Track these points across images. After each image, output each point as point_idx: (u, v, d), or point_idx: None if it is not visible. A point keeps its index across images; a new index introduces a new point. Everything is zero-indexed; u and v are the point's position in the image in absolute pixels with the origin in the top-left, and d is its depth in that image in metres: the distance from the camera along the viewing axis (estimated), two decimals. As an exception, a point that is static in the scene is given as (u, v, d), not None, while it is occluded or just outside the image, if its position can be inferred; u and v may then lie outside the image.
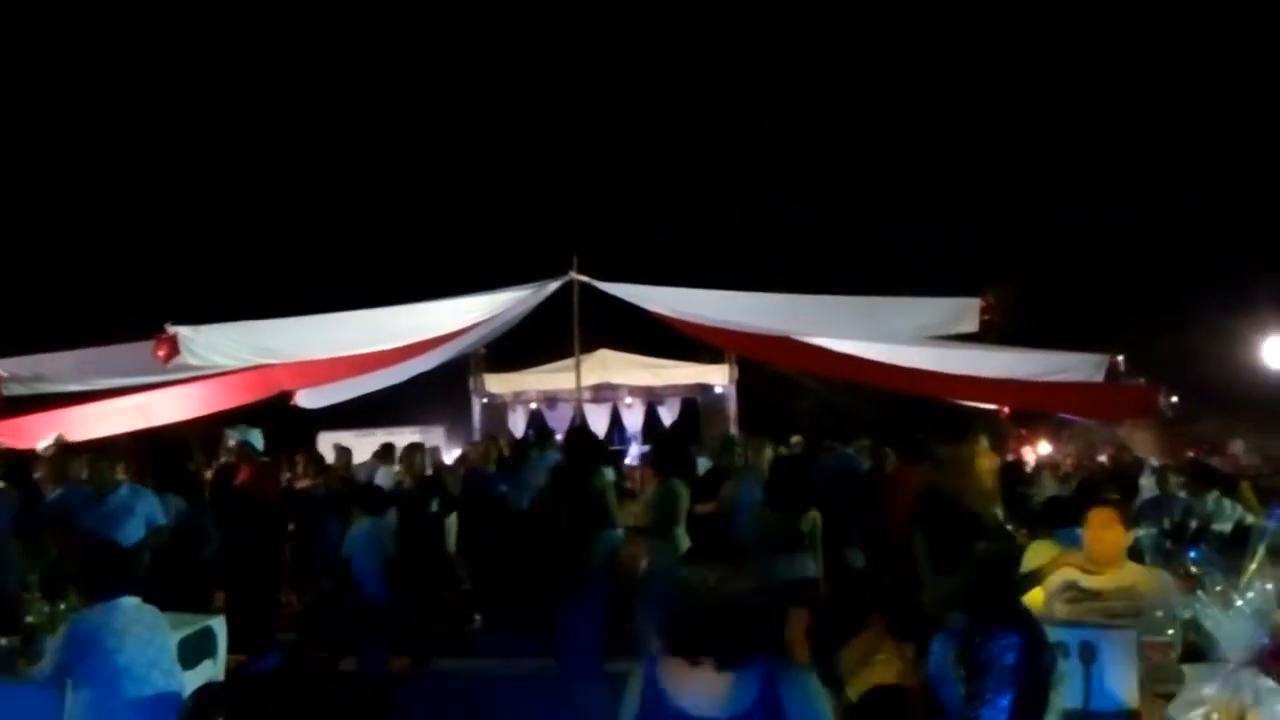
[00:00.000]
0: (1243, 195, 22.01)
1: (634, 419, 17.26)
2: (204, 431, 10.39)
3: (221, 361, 8.14)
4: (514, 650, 8.60)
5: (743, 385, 15.89)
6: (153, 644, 4.61)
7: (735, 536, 7.70)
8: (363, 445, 12.88)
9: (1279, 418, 17.93)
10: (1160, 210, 23.67)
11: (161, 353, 7.50)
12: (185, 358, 7.60)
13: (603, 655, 6.80)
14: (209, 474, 11.15)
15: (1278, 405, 17.48)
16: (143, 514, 7.38)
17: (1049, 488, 10.45)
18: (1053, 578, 4.72)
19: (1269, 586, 2.97)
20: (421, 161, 27.37)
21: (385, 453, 12.35)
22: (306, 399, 11.11)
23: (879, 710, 3.90)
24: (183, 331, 7.56)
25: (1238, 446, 17.10)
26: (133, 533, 7.10)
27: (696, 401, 16.97)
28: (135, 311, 9.47)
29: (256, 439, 9.57)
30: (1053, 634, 3.13)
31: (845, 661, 4.10)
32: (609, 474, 8.03)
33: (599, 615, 7.24)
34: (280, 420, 11.16)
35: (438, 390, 15.36)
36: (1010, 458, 16.32)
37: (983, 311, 8.75)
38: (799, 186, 27.01)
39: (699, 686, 2.58)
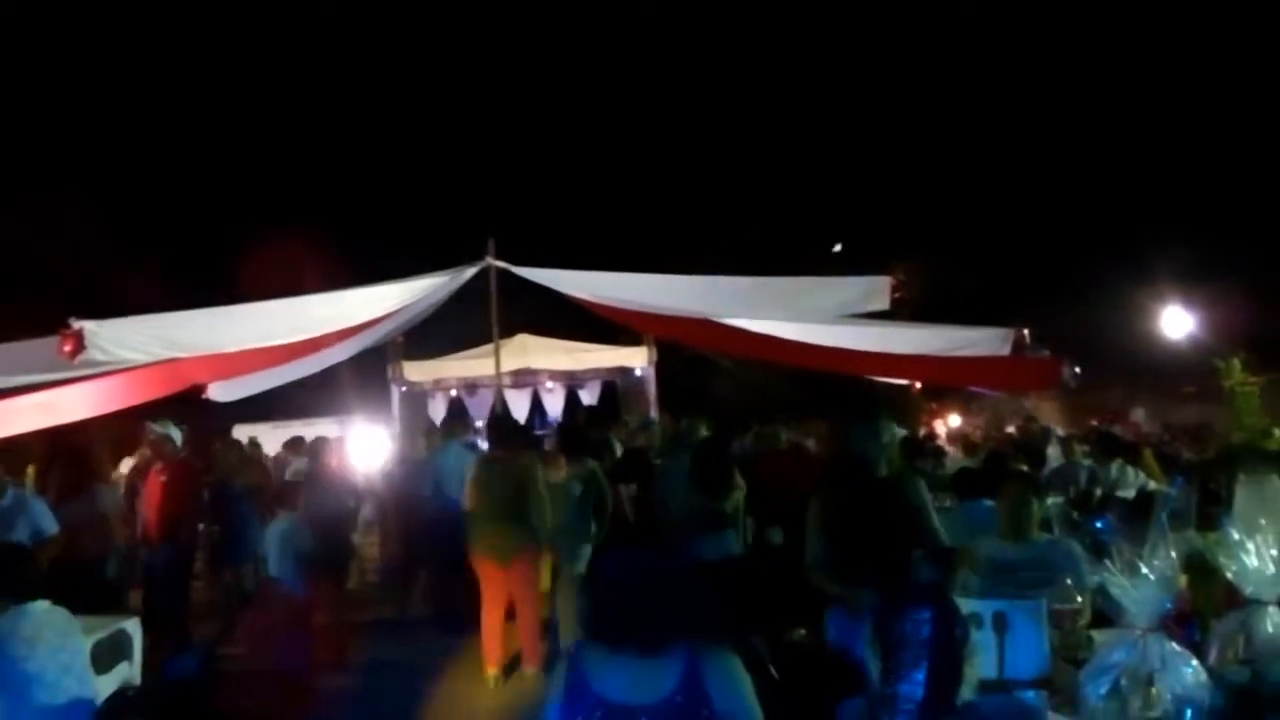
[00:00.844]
0: (1141, 170, 22.69)
1: (555, 403, 17.24)
2: (114, 429, 10.13)
3: (130, 356, 7.88)
4: (437, 641, 8.61)
5: (662, 367, 15.96)
6: (65, 649, 4.48)
7: (667, 518, 7.80)
8: (278, 438, 12.69)
9: (1178, 386, 18.63)
10: (1061, 186, 24.34)
11: (67, 348, 7.24)
12: (91, 353, 7.33)
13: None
14: (123, 471, 10.95)
15: (1176, 374, 18.15)
16: (27, 524, 7.18)
17: (958, 460, 10.75)
18: (968, 550, 4.87)
19: (1172, 553, 3.08)
20: (333, 148, 26.81)
21: (294, 445, 12.21)
22: (219, 392, 10.86)
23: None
24: (88, 326, 7.29)
25: (1139, 414, 17.74)
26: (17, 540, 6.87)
27: (616, 384, 17.01)
28: (37, 307, 9.17)
29: (175, 434, 9.37)
30: (967, 606, 3.23)
31: None
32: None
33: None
34: (193, 414, 10.91)
35: (355, 379, 15.16)
36: (922, 431, 16.76)
37: (893, 289, 8.90)
38: (714, 168, 27.15)
39: (622, 672, 2.60)
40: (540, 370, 16.39)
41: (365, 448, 14.37)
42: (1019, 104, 25.32)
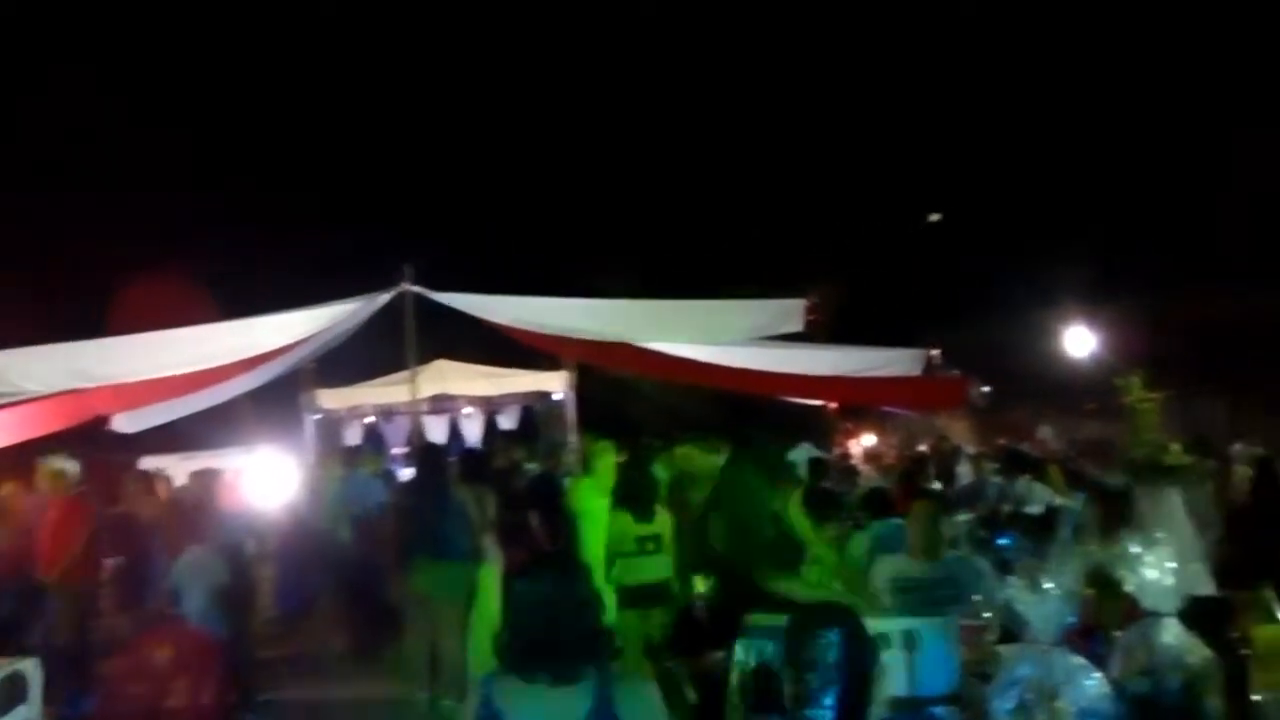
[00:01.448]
0: (1043, 193, 23.32)
1: (473, 429, 17.11)
2: (13, 462, 9.78)
3: (30, 387, 7.66)
4: (344, 676, 8.46)
5: (581, 391, 15.94)
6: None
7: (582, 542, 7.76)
8: (187, 469, 12.34)
9: (1082, 403, 19.18)
10: (967, 209, 24.92)
11: (-37, 380, 7.02)
12: (-8, 386, 7.14)
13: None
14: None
15: (1080, 392, 18.68)
16: None
17: (872, 479, 10.94)
18: (881, 569, 4.94)
19: (1075, 567, 3.16)
20: (240, 172, 26.31)
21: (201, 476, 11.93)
22: (125, 423, 10.56)
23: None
24: (-11, 358, 7.10)
25: (1045, 432, 18.19)
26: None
27: (535, 409, 16.94)
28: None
29: (71, 468, 9.09)
30: (877, 625, 3.27)
31: None
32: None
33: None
34: (97, 446, 10.57)
35: (268, 408, 14.83)
36: (837, 451, 16.99)
37: (807, 311, 9.05)
38: (631, 193, 27.27)
39: (534, 700, 2.58)
40: (458, 396, 16.27)
41: (269, 478, 14.08)
42: (923, 126, 25.87)
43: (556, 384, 15.88)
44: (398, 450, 15.31)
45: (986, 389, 10.74)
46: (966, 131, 24.91)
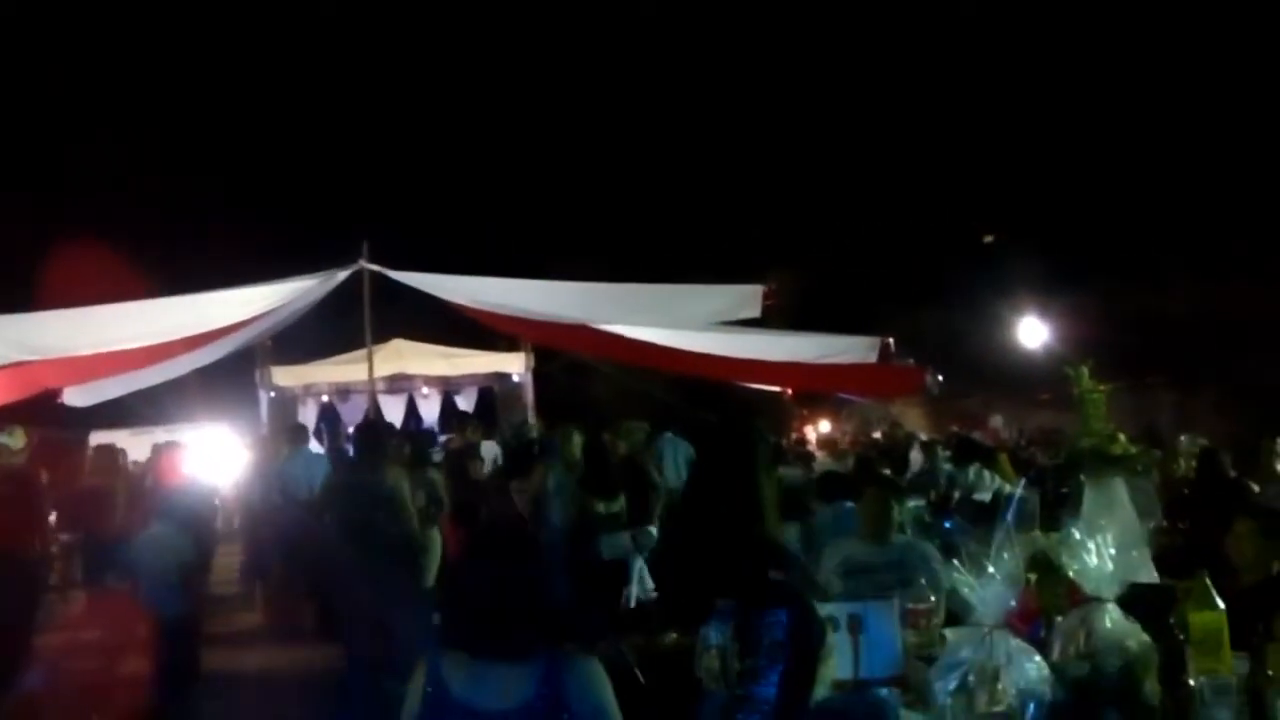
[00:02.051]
0: (999, 184, 23.54)
1: (430, 409, 17.04)
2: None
3: (-27, 358, 7.53)
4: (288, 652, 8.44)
5: (539, 373, 15.94)
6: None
7: (547, 522, 7.77)
8: (138, 444, 12.22)
9: (1033, 393, 19.46)
10: (922, 199, 25.11)
11: (-95, 352, 6.88)
12: (-68, 357, 7.00)
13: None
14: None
15: (1032, 382, 18.93)
16: None
17: (826, 464, 11.04)
18: (831, 552, 5.01)
19: (1018, 553, 3.21)
20: (202, 147, 25.94)
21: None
22: (76, 396, 10.41)
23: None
24: (-72, 328, 6.96)
25: (997, 421, 18.52)
26: None
27: (493, 390, 16.89)
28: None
29: (16, 440, 8.95)
30: (824, 609, 3.31)
31: None
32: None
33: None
34: (47, 419, 10.43)
35: (222, 384, 14.69)
36: (793, 436, 17.13)
37: (765, 297, 9.10)
38: (592, 177, 27.18)
39: (480, 679, 2.59)
40: (415, 375, 16.17)
41: (221, 455, 13.96)
42: (881, 113, 25.99)
43: (515, 365, 15.86)
44: (353, 429, 15.23)
45: (940, 377, 10.86)
46: (923, 122, 25.07)
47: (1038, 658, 3.03)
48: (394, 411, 16.10)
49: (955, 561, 3.18)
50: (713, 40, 27.95)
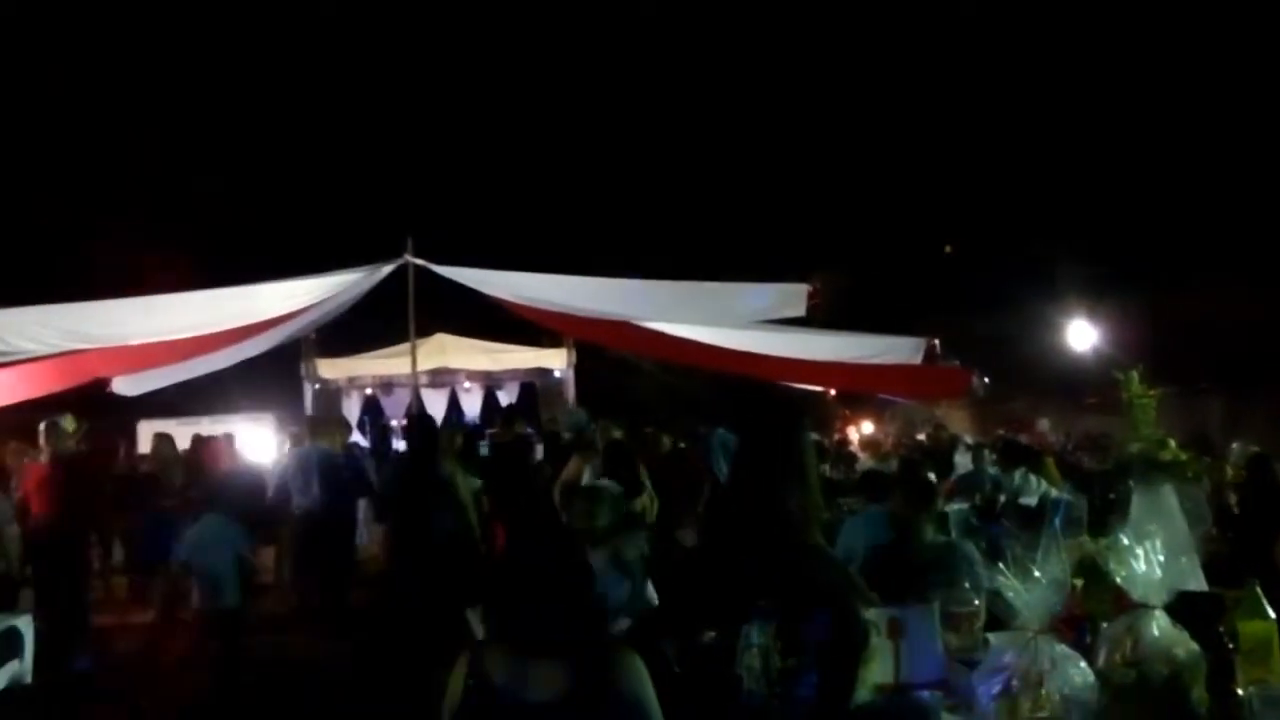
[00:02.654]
0: (1052, 185, 23.26)
1: (472, 403, 17.12)
2: (12, 423, 9.82)
3: (28, 347, 7.65)
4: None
5: (581, 369, 15.96)
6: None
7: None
8: (185, 434, 12.37)
9: (1081, 397, 19.20)
10: (973, 200, 24.87)
11: (-40, 339, 7.02)
12: (-13, 344, 7.13)
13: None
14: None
15: (1080, 385, 18.68)
16: None
17: (868, 466, 10.96)
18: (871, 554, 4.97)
19: (1064, 557, 3.17)
20: (248, 141, 26.24)
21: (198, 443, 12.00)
22: (124, 386, 10.58)
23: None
24: (-18, 315, 7.10)
25: (1044, 424, 18.28)
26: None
27: (535, 385, 16.94)
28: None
29: (71, 428, 9.12)
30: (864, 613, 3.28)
31: None
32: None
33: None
34: (97, 409, 10.60)
35: (267, 376, 14.85)
36: (836, 437, 17.02)
37: (810, 297, 9.05)
38: (635, 172, 27.19)
39: (522, 672, 2.60)
40: (458, 370, 16.27)
41: (266, 446, 14.11)
42: (930, 117, 25.80)
43: (557, 361, 15.91)
44: (396, 422, 15.35)
45: (986, 379, 10.74)
46: (972, 123, 24.84)
47: (1083, 664, 2.98)
48: (436, 405, 16.16)
49: (1000, 564, 3.14)
50: (761, 39, 27.86)
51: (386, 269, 10.05)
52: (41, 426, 8.86)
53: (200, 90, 25.47)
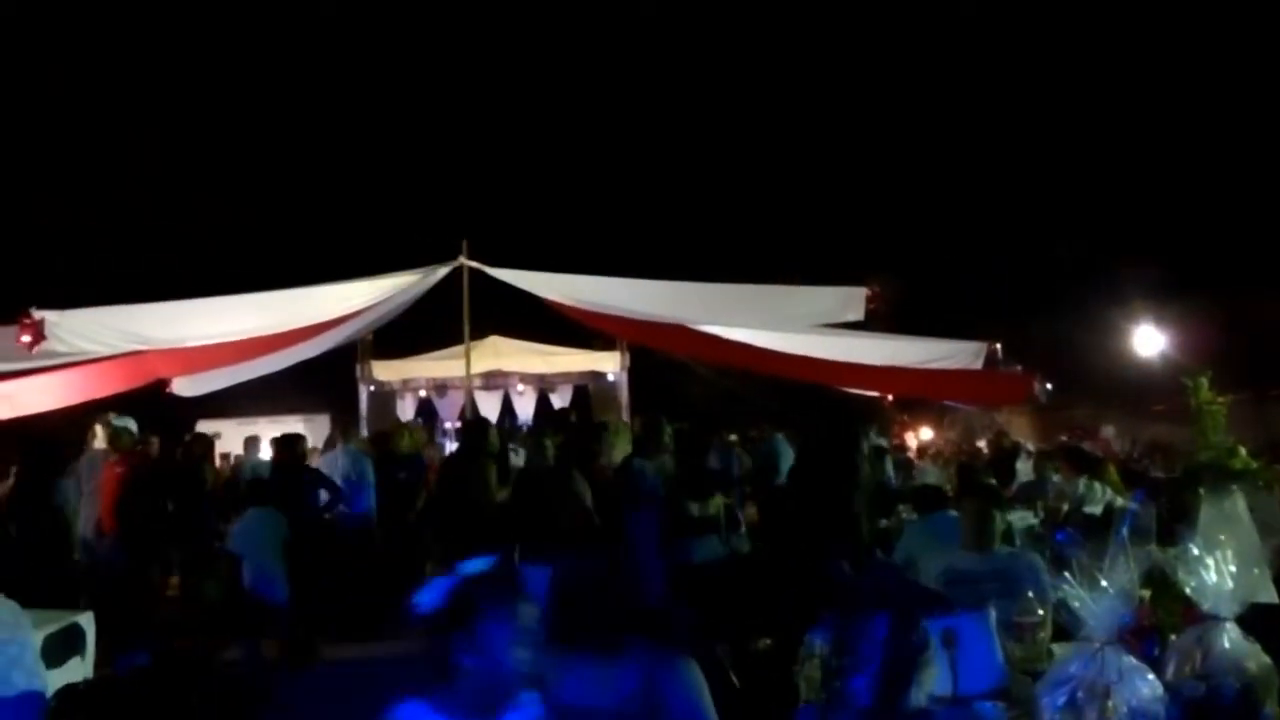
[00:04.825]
0: (1119, 188, 22.88)
1: (526, 406, 17.16)
2: (74, 422, 10.00)
3: (91, 348, 7.79)
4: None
5: (635, 372, 15.91)
6: (13, 641, 4.38)
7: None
8: (242, 435, 12.58)
9: (1147, 404, 18.76)
10: (1039, 202, 24.51)
11: (26, 338, 7.14)
12: (52, 344, 7.24)
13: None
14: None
15: (1146, 392, 18.26)
16: None
17: (926, 472, 10.78)
18: (930, 562, 4.85)
19: (1132, 567, 3.07)
20: (309, 146, 26.66)
21: (252, 444, 12.16)
22: (183, 387, 10.76)
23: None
24: (49, 316, 7.20)
25: (1109, 431, 17.86)
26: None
27: (588, 389, 16.93)
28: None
29: (132, 427, 9.27)
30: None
31: None
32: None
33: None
34: (156, 409, 10.79)
35: (322, 377, 15.02)
36: (893, 443, 16.80)
37: (869, 300, 8.91)
38: (691, 176, 27.17)
39: (576, 675, 2.57)
40: (511, 373, 16.31)
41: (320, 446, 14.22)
42: (994, 120, 25.50)
43: (610, 364, 15.86)
44: (450, 424, 15.44)
45: (1049, 385, 10.51)
46: (1038, 122, 24.50)
47: (1151, 676, 2.89)
48: (490, 407, 16.24)
49: (1066, 574, 3.04)
50: (820, 42, 27.73)
51: (442, 271, 10.12)
52: (101, 426, 9.01)
53: (265, 93, 25.94)
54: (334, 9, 27.20)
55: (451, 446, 12.97)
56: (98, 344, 7.76)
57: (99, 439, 8.94)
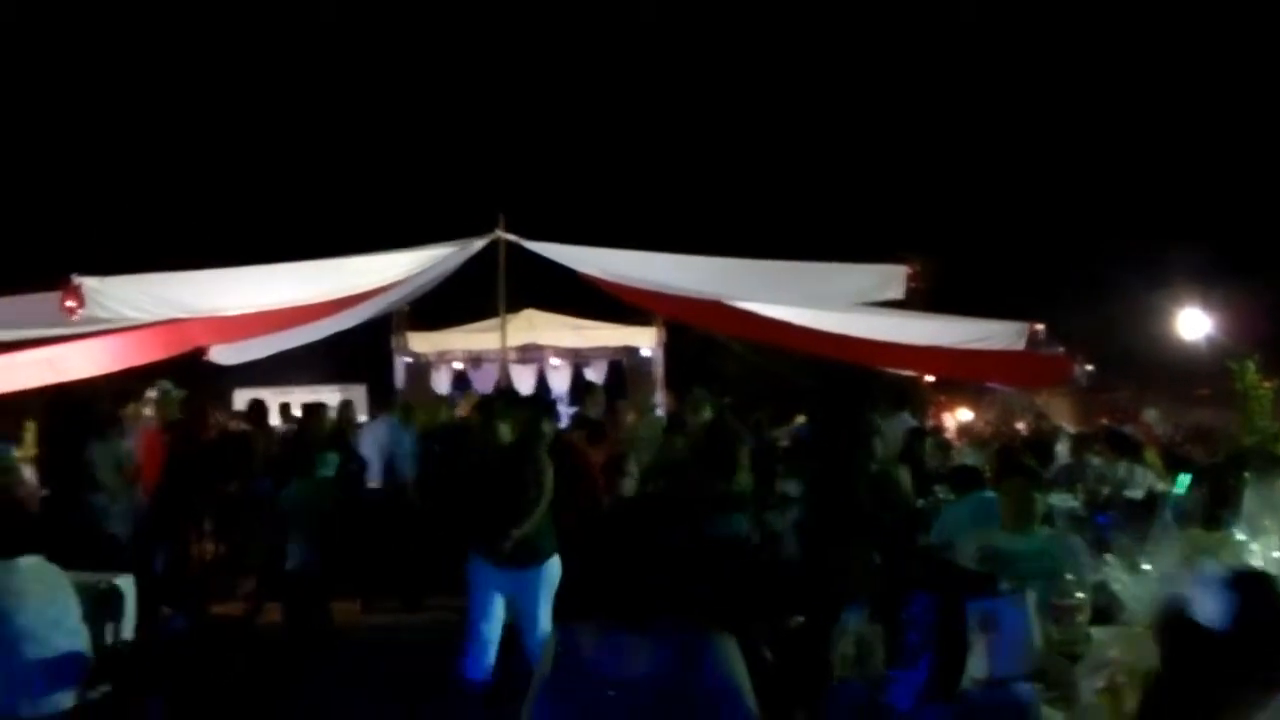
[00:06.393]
0: (1163, 168, 22.51)
1: (560, 380, 17.17)
2: (116, 388, 10.12)
3: (131, 315, 7.86)
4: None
5: (670, 348, 15.87)
6: (55, 604, 4.46)
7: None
8: (278, 404, 12.67)
9: (1191, 388, 18.48)
10: (1082, 181, 24.16)
11: (68, 304, 7.21)
12: (92, 310, 7.31)
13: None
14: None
15: (1190, 375, 17.99)
16: None
17: (964, 453, 10.66)
18: (969, 542, 4.79)
19: (1176, 551, 3.01)
20: (346, 116, 26.76)
21: (284, 412, 12.27)
22: (221, 355, 10.85)
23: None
24: (89, 283, 7.26)
25: (1151, 415, 17.58)
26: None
27: (623, 364, 16.91)
28: (38, 261, 9.13)
29: (176, 395, 9.37)
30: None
31: None
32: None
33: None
34: (194, 376, 10.89)
35: (359, 348, 15.09)
36: (930, 424, 16.65)
37: (909, 279, 8.79)
38: (730, 150, 27.01)
39: (611, 647, 2.56)
40: (546, 346, 16.31)
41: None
42: (1037, 98, 25.17)
43: (645, 339, 15.82)
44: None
45: (1090, 367, 10.36)
46: (1084, 103, 24.12)
47: (1195, 661, 2.81)
48: (524, 381, 16.26)
49: (1108, 557, 2.98)
50: (865, 16, 27.42)
51: (478, 244, 10.12)
52: (151, 393, 9.10)
53: (309, 66, 26.05)
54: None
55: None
56: (138, 311, 7.82)
57: (149, 405, 9.05)
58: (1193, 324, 16.59)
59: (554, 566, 6.17)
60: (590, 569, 2.73)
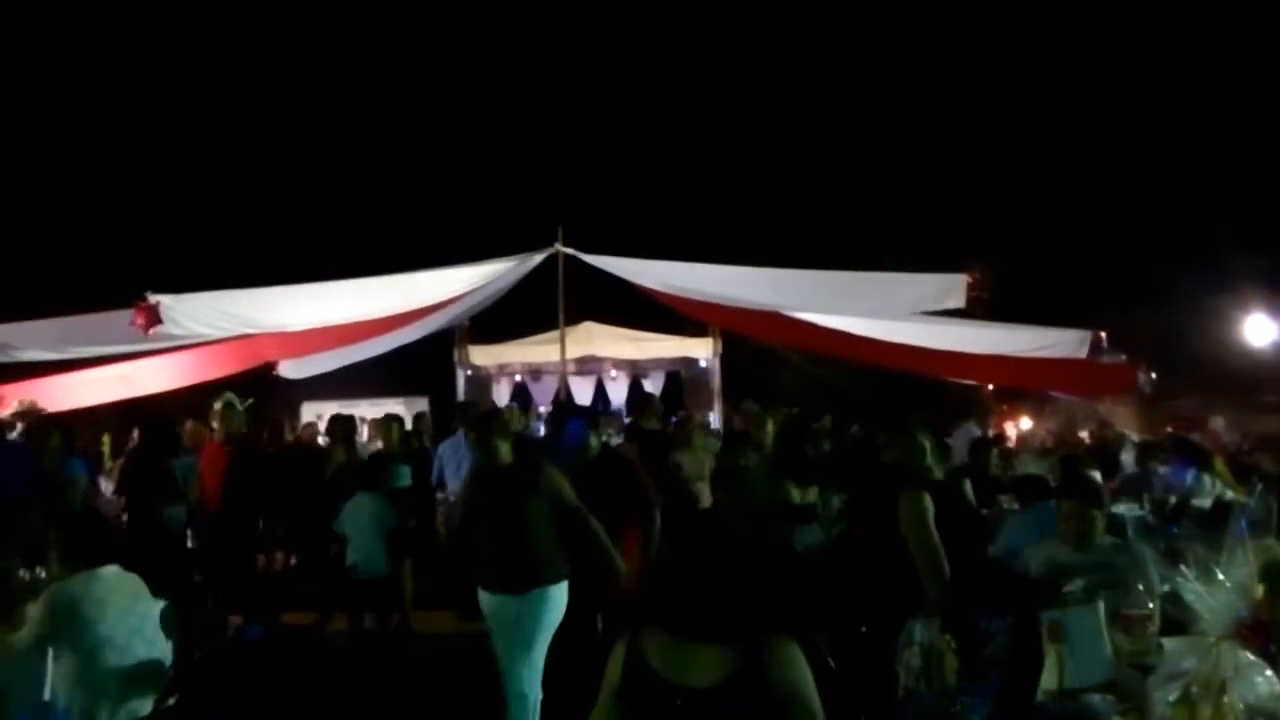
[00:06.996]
0: (1230, 173, 22.07)
1: (618, 391, 17.24)
2: (187, 402, 10.36)
3: (203, 331, 8.07)
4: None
5: (727, 359, 15.88)
6: (134, 612, 4.55)
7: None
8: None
9: (1258, 396, 18.06)
10: (1147, 187, 23.74)
11: (141, 321, 7.44)
12: (166, 327, 7.53)
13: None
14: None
15: (1258, 382, 17.59)
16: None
17: (1028, 463, 10.53)
18: (1032, 555, 4.75)
19: (1250, 560, 2.98)
20: (407, 134, 27.13)
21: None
22: (289, 369, 11.07)
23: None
24: (163, 300, 7.49)
25: (1218, 423, 17.20)
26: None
27: (680, 375, 16.94)
28: (114, 280, 9.39)
29: (242, 409, 9.55)
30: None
31: None
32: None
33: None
34: (264, 390, 11.11)
35: (421, 361, 15.31)
36: (991, 432, 16.45)
37: (970, 287, 8.71)
38: (787, 161, 26.94)
39: (679, 658, 2.59)
40: (605, 358, 16.40)
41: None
42: (1101, 102, 24.82)
43: (702, 350, 15.86)
44: (544, 409, 15.58)
45: (1154, 375, 10.20)
46: (1149, 107, 23.73)
47: (1269, 673, 2.81)
48: (583, 392, 16.36)
49: (1181, 567, 2.96)
50: (920, 26, 27.23)
51: (538, 258, 10.23)
52: (217, 406, 9.29)
53: (371, 82, 26.47)
54: (435, 4, 27.60)
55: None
56: (209, 327, 8.04)
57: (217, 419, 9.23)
58: (1260, 330, 16.25)
59: (556, 593, 5.65)
60: (660, 580, 2.76)
